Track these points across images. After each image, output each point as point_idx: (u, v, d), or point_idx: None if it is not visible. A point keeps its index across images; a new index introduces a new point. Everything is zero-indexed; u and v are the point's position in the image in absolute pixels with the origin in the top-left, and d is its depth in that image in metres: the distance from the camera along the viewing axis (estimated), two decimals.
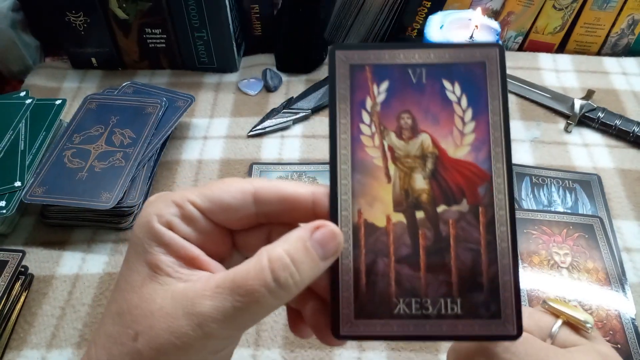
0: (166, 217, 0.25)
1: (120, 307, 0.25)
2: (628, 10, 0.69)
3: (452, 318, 0.25)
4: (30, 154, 0.54)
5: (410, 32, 0.73)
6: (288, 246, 0.23)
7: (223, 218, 0.26)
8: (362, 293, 0.25)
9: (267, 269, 0.23)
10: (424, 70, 0.26)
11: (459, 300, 0.25)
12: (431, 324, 0.25)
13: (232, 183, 0.26)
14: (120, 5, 0.63)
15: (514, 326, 0.25)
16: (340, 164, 0.26)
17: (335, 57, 0.27)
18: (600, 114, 0.61)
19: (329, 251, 0.24)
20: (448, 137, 0.26)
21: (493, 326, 0.25)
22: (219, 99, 0.67)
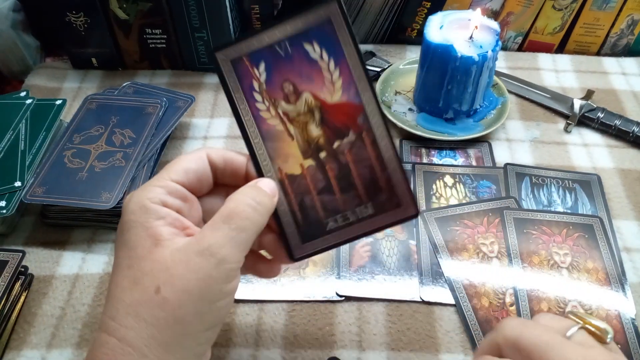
0: (157, 197, 0.30)
1: (133, 276, 0.28)
2: (627, 11, 0.69)
3: (369, 218, 0.34)
4: (31, 154, 0.54)
5: (410, 32, 0.73)
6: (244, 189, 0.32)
7: (195, 183, 0.33)
8: (300, 225, 0.34)
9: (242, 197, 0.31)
10: (287, 42, 0.32)
11: (369, 204, 0.34)
12: (356, 227, 0.34)
13: (188, 154, 0.33)
14: (121, 5, 0.63)
15: (413, 208, 0.34)
16: (253, 139, 0.34)
17: (217, 58, 0.33)
18: (599, 114, 0.61)
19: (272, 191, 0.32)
20: (323, 89, 0.33)
21: (398, 213, 0.34)
22: (219, 99, 0.67)
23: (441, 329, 0.45)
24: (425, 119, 0.62)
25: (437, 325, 0.45)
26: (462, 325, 0.45)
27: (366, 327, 0.45)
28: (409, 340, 0.44)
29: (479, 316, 0.45)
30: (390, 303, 0.46)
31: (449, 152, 0.59)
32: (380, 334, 0.44)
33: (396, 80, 0.66)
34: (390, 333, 0.44)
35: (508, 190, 0.55)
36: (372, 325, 0.45)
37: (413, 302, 0.46)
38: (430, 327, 0.45)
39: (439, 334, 0.44)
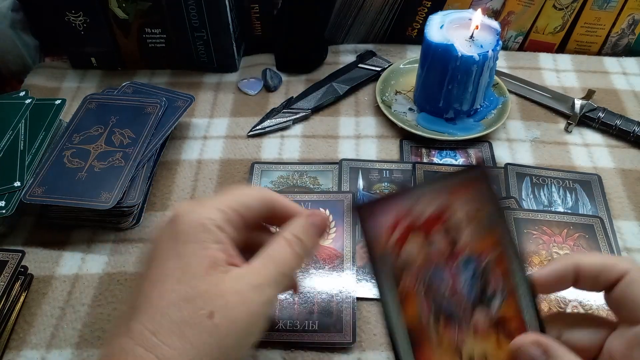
0: (217, 221, 0.31)
1: (186, 294, 0.29)
2: (628, 10, 0.69)
3: None
4: (30, 154, 0.54)
5: (411, 31, 0.73)
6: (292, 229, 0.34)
7: (248, 219, 0.33)
8: None
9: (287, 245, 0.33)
10: None
11: None
12: None
13: (250, 190, 0.35)
14: (120, 5, 0.63)
15: None
16: None
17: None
18: (600, 114, 0.61)
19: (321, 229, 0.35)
20: None
21: None
22: (219, 98, 0.67)
23: None
24: (426, 118, 0.61)
25: None
26: None
27: (366, 327, 0.45)
28: None
29: None
30: None
31: (450, 152, 0.59)
32: (381, 334, 0.44)
33: (396, 80, 0.66)
34: None
35: (508, 190, 0.54)
36: (372, 326, 0.45)
37: None
38: None
39: None
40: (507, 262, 0.30)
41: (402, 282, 0.30)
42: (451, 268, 0.30)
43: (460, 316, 0.30)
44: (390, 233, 0.30)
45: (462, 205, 0.30)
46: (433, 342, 0.30)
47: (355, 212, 0.32)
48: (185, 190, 0.56)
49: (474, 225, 0.30)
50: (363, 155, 0.59)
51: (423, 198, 0.30)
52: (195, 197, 0.55)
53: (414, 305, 0.30)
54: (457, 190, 0.31)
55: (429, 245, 0.30)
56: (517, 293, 0.30)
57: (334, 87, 0.66)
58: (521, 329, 0.30)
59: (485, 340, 0.30)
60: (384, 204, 0.31)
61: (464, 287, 0.30)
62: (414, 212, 0.30)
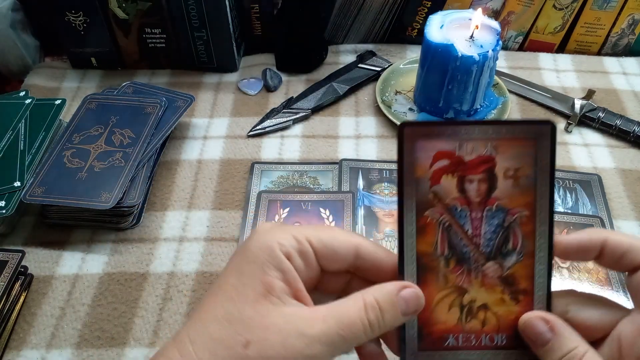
0: (287, 247, 0.29)
1: (230, 314, 0.28)
2: (628, 10, 0.69)
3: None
4: (30, 154, 0.54)
5: (411, 31, 0.73)
6: (380, 296, 0.29)
7: (327, 260, 0.30)
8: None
9: (363, 309, 0.28)
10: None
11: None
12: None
13: (341, 233, 0.31)
14: (120, 5, 0.63)
15: None
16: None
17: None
18: (600, 114, 0.61)
19: (410, 308, 0.29)
20: None
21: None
22: (219, 98, 0.67)
23: None
24: (426, 118, 0.61)
25: None
26: None
27: None
28: None
29: None
30: None
31: None
32: None
33: (396, 80, 0.66)
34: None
35: None
36: None
37: None
38: None
39: None
40: (535, 225, 0.30)
41: (426, 212, 0.30)
42: (477, 215, 0.30)
43: (472, 262, 0.30)
44: (430, 162, 0.30)
45: (511, 157, 0.30)
46: (439, 278, 0.30)
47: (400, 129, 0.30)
48: (185, 190, 0.56)
49: (515, 181, 0.30)
50: (363, 155, 0.59)
51: (474, 138, 0.30)
52: (194, 197, 0.55)
53: (431, 237, 0.30)
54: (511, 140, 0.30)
55: (465, 186, 0.30)
56: (534, 257, 0.30)
57: (334, 87, 0.66)
58: (529, 292, 0.30)
59: (490, 292, 0.30)
60: (433, 131, 0.30)
61: (484, 237, 0.30)
62: (460, 150, 0.30)
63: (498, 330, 0.30)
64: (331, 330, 0.28)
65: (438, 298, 0.30)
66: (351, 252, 0.31)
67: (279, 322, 0.27)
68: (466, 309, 0.30)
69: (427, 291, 0.30)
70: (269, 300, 0.28)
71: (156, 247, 0.51)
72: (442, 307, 0.30)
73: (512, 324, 0.30)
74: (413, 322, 0.30)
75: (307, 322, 0.28)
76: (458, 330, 0.30)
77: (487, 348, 0.31)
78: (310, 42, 0.69)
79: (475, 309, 0.30)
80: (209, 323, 0.28)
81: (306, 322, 0.28)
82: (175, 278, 0.48)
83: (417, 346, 0.31)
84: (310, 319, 0.28)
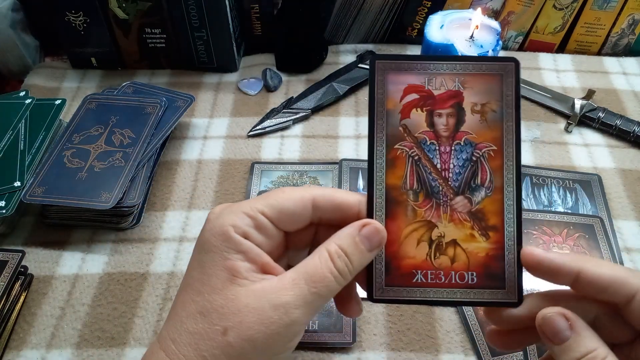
0: (242, 227, 0.29)
1: (202, 307, 0.28)
2: (628, 10, 0.69)
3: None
4: (30, 154, 0.54)
5: (411, 31, 0.73)
6: (341, 242, 0.29)
7: (286, 224, 0.30)
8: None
9: (329, 260, 0.28)
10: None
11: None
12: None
13: (292, 192, 0.30)
14: (120, 5, 0.63)
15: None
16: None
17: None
18: (600, 114, 0.61)
19: (374, 244, 0.29)
20: None
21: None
22: (219, 98, 0.67)
23: (441, 329, 0.45)
24: None
25: (437, 325, 0.45)
26: (462, 325, 0.45)
27: (366, 327, 0.45)
28: (409, 341, 0.44)
29: (480, 317, 0.45)
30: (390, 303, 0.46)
31: None
32: (380, 334, 0.44)
33: None
34: (390, 333, 0.44)
35: None
36: (372, 325, 0.45)
37: None
38: (430, 327, 0.45)
39: (439, 334, 0.44)
40: (503, 160, 0.30)
41: (396, 145, 0.31)
42: (446, 149, 0.31)
43: (441, 197, 0.31)
44: (401, 95, 0.30)
45: (478, 92, 0.30)
46: (407, 212, 0.30)
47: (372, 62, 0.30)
48: (186, 190, 0.56)
49: (482, 116, 0.30)
50: (363, 155, 0.59)
51: (443, 73, 0.30)
52: (195, 197, 0.55)
53: (400, 170, 0.31)
54: (478, 76, 0.30)
55: (434, 120, 0.31)
56: (503, 192, 0.30)
57: (334, 87, 0.66)
58: (499, 228, 0.30)
59: (459, 228, 0.30)
60: (403, 66, 0.30)
61: (453, 171, 0.31)
62: (429, 84, 0.30)
63: (468, 268, 0.30)
64: (303, 291, 0.28)
65: (406, 232, 0.30)
66: (308, 207, 0.30)
67: (250, 302, 0.27)
68: (435, 244, 0.30)
69: (395, 224, 0.30)
70: (236, 284, 0.28)
71: (156, 247, 0.51)
72: (411, 242, 0.30)
73: (483, 262, 0.30)
74: (381, 256, 0.30)
75: (278, 292, 0.28)
76: (427, 267, 0.30)
77: (456, 286, 0.30)
78: (310, 42, 0.69)
79: (444, 245, 0.30)
80: (184, 320, 0.28)
81: (277, 293, 0.28)
82: (175, 278, 0.48)
83: (385, 281, 0.30)
84: (280, 289, 0.28)
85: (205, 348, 0.27)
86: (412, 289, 0.30)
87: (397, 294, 0.30)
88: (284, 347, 0.28)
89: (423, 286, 0.30)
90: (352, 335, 0.43)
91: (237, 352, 0.27)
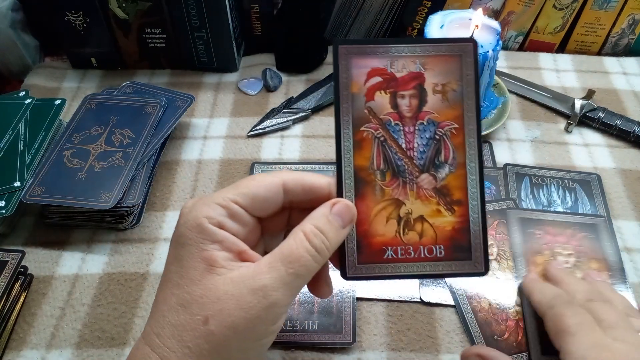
0: (216, 218, 0.29)
1: (183, 299, 0.28)
2: (628, 10, 0.69)
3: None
4: (30, 153, 0.54)
5: (411, 31, 0.73)
6: (315, 222, 0.29)
7: (259, 210, 0.31)
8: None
9: (305, 240, 0.29)
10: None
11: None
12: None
13: (263, 178, 0.31)
14: (120, 5, 0.63)
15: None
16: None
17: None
18: (600, 114, 0.61)
19: (346, 220, 0.30)
20: None
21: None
22: (219, 98, 0.67)
23: (441, 329, 0.45)
24: None
25: (437, 325, 0.45)
26: (462, 325, 0.45)
27: (366, 327, 0.45)
28: (409, 341, 0.44)
29: (479, 318, 0.45)
30: (390, 303, 0.46)
31: None
32: (381, 334, 0.44)
33: None
34: (391, 333, 0.44)
35: (507, 191, 0.54)
36: (372, 326, 0.45)
37: (413, 303, 0.46)
38: (430, 327, 0.45)
39: (439, 334, 0.44)
40: (464, 137, 0.32)
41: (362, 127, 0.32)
42: (410, 129, 0.32)
43: (407, 175, 0.32)
44: (365, 79, 0.31)
45: (439, 73, 0.32)
46: (376, 191, 0.32)
47: (335, 47, 0.31)
48: (185, 190, 0.56)
49: (443, 95, 0.32)
50: None
51: (404, 56, 0.31)
52: (195, 197, 0.55)
53: (367, 152, 0.32)
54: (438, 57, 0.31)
55: (397, 102, 0.32)
56: (466, 168, 0.32)
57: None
58: (464, 202, 0.32)
59: (426, 204, 0.32)
60: (366, 50, 0.31)
61: (417, 149, 0.32)
62: (391, 67, 0.31)
63: (435, 242, 0.32)
64: (281, 273, 0.28)
65: (376, 211, 0.32)
66: (279, 192, 0.31)
67: (229, 289, 0.28)
68: (403, 221, 0.32)
69: (365, 204, 0.31)
70: (214, 273, 0.28)
71: (156, 247, 0.51)
72: (380, 220, 0.32)
73: (449, 235, 0.32)
74: (352, 235, 0.31)
75: (255, 276, 0.28)
76: (397, 243, 0.32)
77: (426, 260, 0.32)
78: (310, 42, 0.69)
79: (412, 221, 0.32)
80: (166, 313, 0.29)
81: (254, 277, 0.28)
82: None
83: (357, 259, 0.32)
84: (257, 273, 0.28)
85: (188, 339, 0.28)
86: (384, 265, 0.32)
87: (369, 271, 0.32)
88: (266, 331, 0.29)
89: (394, 262, 0.32)
90: (352, 335, 0.43)
91: (219, 339, 0.27)
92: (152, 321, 0.29)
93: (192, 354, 0.27)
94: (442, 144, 0.32)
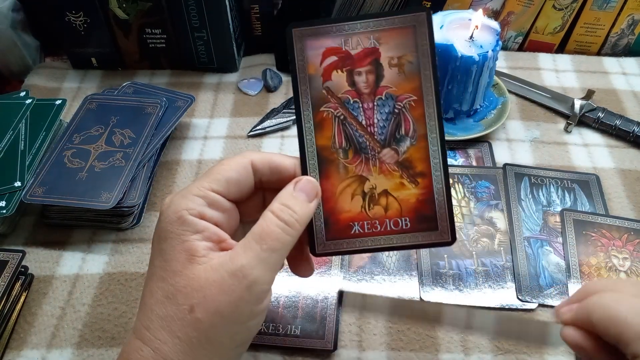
0: (196, 209, 0.30)
1: (167, 291, 0.29)
2: (628, 10, 0.69)
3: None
4: (30, 154, 0.54)
5: None
6: (281, 200, 0.31)
7: (235, 192, 0.32)
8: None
9: (274, 217, 0.30)
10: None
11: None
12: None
13: (232, 161, 0.32)
14: (120, 5, 0.63)
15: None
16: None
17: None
18: (600, 114, 0.61)
19: (310, 194, 0.31)
20: None
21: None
22: (219, 99, 0.67)
23: (441, 329, 0.45)
24: None
25: (438, 325, 0.45)
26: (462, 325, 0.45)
27: (366, 327, 0.45)
28: (409, 340, 0.44)
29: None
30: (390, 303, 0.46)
31: (449, 152, 0.59)
32: (381, 334, 0.44)
33: None
34: (390, 333, 0.44)
35: (507, 191, 0.55)
36: (372, 325, 0.45)
37: (413, 302, 0.46)
38: (430, 327, 0.45)
39: (439, 334, 0.44)
40: (424, 108, 0.32)
41: (322, 107, 0.32)
42: (369, 105, 0.32)
43: (369, 151, 0.32)
44: (320, 59, 0.32)
45: (394, 46, 0.32)
46: (339, 169, 0.32)
47: (289, 31, 0.32)
48: None
49: (400, 68, 0.32)
50: None
51: (358, 32, 0.32)
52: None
53: (328, 131, 0.32)
54: (391, 30, 0.32)
55: (354, 79, 0.32)
56: (427, 139, 0.32)
57: None
58: (427, 174, 0.32)
59: (389, 178, 0.32)
60: (319, 30, 0.32)
61: (377, 125, 0.32)
62: (346, 45, 0.32)
63: (401, 214, 0.32)
64: (255, 251, 0.29)
65: (341, 188, 0.32)
66: (249, 171, 0.32)
67: (210, 276, 0.29)
68: (368, 196, 0.32)
69: (330, 182, 0.32)
70: (196, 263, 0.29)
71: None
72: (345, 197, 0.32)
73: (414, 207, 0.32)
74: (319, 214, 0.32)
75: (233, 260, 0.29)
76: (363, 218, 0.32)
77: (392, 232, 0.32)
78: None
79: (376, 196, 0.32)
80: (153, 306, 0.29)
81: (232, 261, 0.29)
82: None
83: (326, 236, 0.32)
84: (234, 257, 0.29)
85: (177, 329, 0.28)
86: (352, 240, 0.32)
87: (338, 246, 0.32)
88: (251, 313, 0.29)
89: (361, 236, 0.32)
90: (334, 342, 0.43)
91: (206, 326, 0.28)
92: (141, 316, 0.30)
93: (182, 343, 0.28)
94: (402, 117, 0.32)
